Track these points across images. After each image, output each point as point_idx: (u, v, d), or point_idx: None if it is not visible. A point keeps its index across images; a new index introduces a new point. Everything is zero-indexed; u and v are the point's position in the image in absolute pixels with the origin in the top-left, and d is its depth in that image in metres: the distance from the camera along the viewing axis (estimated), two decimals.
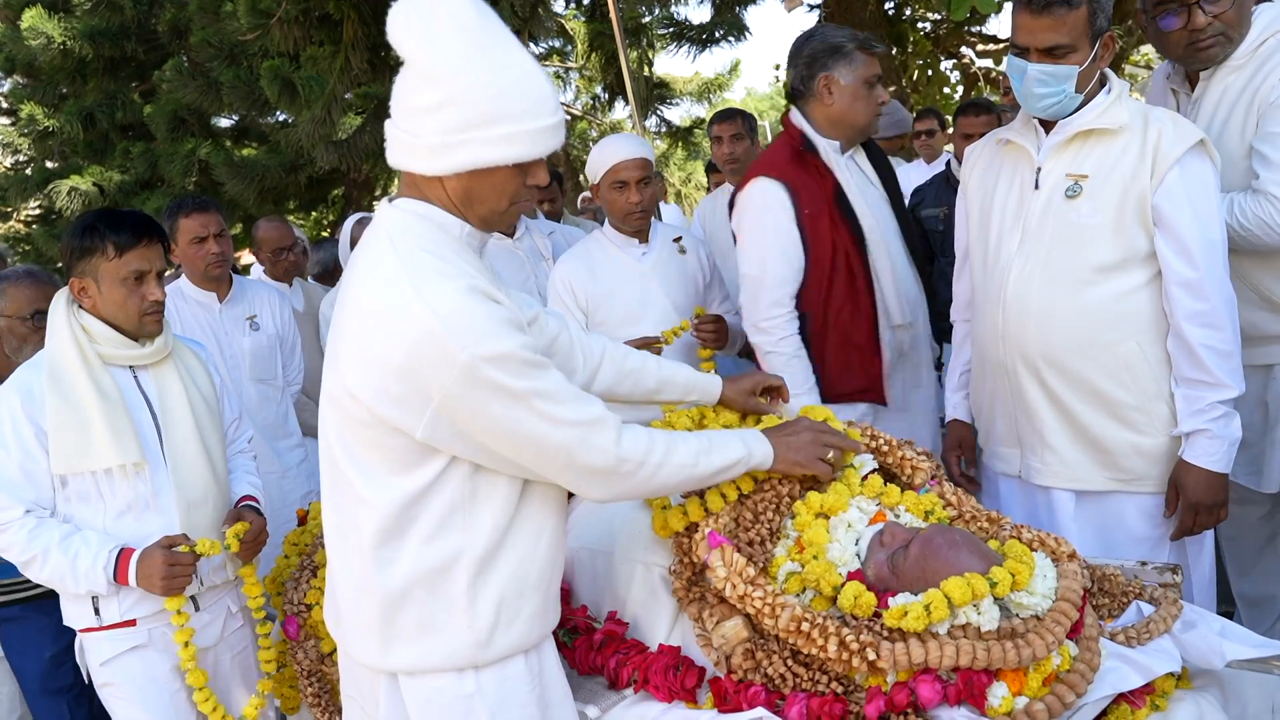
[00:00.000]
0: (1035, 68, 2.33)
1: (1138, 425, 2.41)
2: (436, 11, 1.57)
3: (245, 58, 8.36)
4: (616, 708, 1.96)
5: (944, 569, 1.81)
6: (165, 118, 9.59)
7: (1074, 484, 2.49)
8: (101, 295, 2.39)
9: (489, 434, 1.61)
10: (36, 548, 2.30)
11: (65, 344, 2.38)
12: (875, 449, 2.27)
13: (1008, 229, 2.49)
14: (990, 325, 2.54)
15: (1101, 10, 2.28)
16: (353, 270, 1.71)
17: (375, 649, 1.73)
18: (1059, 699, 1.70)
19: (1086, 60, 2.30)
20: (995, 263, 2.52)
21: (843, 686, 1.79)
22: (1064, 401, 2.44)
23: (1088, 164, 2.37)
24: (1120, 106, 2.36)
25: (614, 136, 3.43)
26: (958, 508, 2.17)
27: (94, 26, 10.01)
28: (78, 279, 2.40)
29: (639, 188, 3.23)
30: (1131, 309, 2.37)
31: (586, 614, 2.15)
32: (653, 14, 9.44)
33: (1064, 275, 2.39)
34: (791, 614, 1.77)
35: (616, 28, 6.46)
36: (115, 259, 2.37)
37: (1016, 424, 2.55)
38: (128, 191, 10.02)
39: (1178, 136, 2.30)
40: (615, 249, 3.33)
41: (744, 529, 2.02)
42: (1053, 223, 2.40)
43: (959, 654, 1.70)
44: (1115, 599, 2.09)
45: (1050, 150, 2.43)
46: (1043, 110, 2.39)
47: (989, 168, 2.61)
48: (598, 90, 10.42)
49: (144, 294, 2.41)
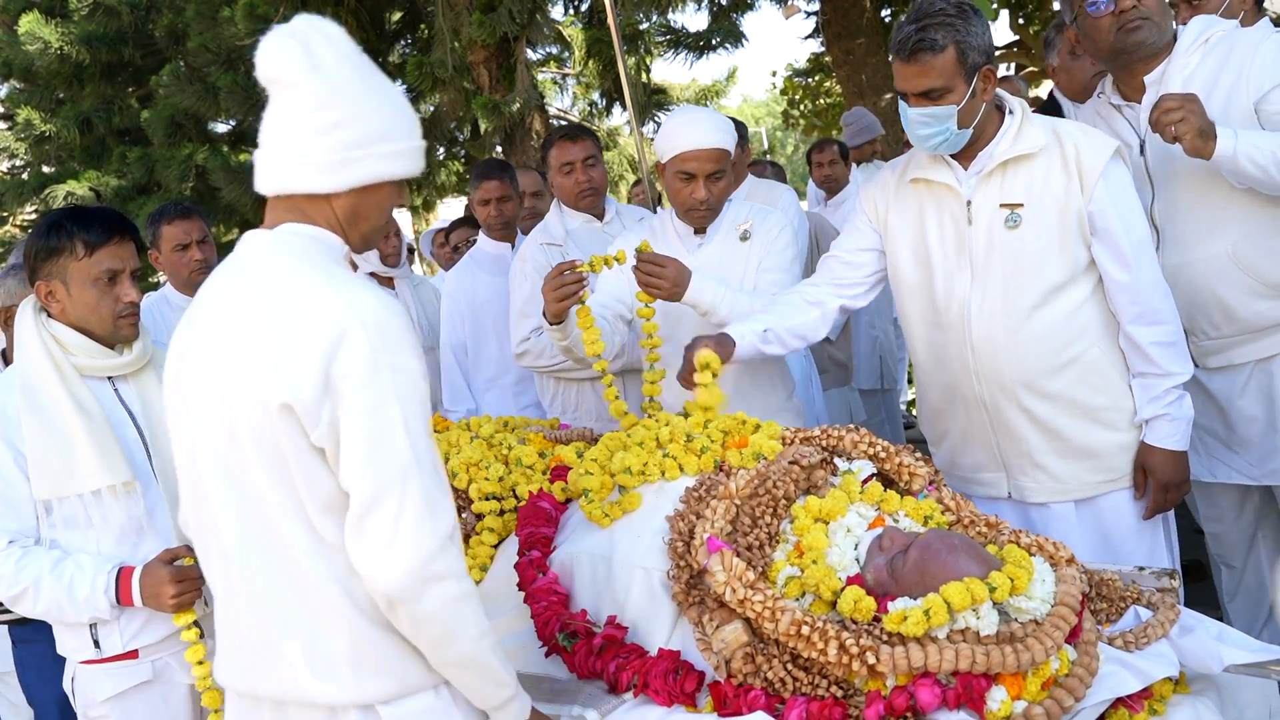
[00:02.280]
0: (914, 111, 2.41)
1: (1115, 424, 2.50)
2: (317, 41, 1.63)
3: (243, 63, 8.37)
4: (616, 712, 1.96)
5: (943, 573, 1.82)
6: (162, 123, 9.58)
7: (1070, 495, 2.54)
8: (71, 299, 2.24)
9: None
10: (26, 579, 2.16)
11: (37, 357, 2.23)
12: (873, 455, 2.28)
13: (954, 269, 2.53)
14: (959, 362, 2.56)
15: (972, 49, 2.34)
16: (233, 294, 1.66)
17: (346, 683, 1.62)
18: (1058, 703, 1.71)
19: (964, 98, 2.37)
20: (950, 302, 2.55)
21: (842, 690, 1.80)
22: (1046, 420, 2.50)
23: (1017, 191, 2.44)
24: (1031, 128, 2.45)
25: (690, 113, 2.99)
26: (956, 513, 2.18)
27: (91, 31, 10.00)
28: (44, 282, 2.25)
29: (708, 183, 2.88)
30: (1087, 317, 2.47)
31: (586, 618, 2.15)
32: (650, 21, 9.45)
33: (1022, 303, 2.45)
34: (791, 618, 1.78)
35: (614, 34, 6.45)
36: (85, 258, 2.23)
37: (999, 450, 2.59)
38: (124, 197, 10.00)
39: (1095, 148, 2.40)
40: (674, 235, 3.07)
41: (743, 534, 2.02)
42: (1000, 256, 2.46)
43: (958, 658, 1.71)
44: (1113, 603, 2.10)
45: (976, 183, 2.48)
46: (934, 149, 2.46)
47: (909, 206, 2.62)
48: (595, 97, 10.43)
49: (117, 295, 2.27)
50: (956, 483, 2.73)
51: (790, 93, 13.52)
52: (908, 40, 2.35)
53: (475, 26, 7.08)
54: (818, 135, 12.17)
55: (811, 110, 13.35)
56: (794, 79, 13.35)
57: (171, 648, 2.27)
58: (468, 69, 7.83)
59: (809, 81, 13.21)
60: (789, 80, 13.43)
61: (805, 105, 13.41)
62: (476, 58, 7.72)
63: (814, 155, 6.01)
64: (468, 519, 2.69)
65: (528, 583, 2.26)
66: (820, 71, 12.65)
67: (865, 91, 8.72)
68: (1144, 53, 2.58)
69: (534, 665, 2.22)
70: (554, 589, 2.23)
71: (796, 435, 2.40)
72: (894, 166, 2.71)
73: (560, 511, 2.53)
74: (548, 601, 2.19)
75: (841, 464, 2.28)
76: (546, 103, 9.61)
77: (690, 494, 2.18)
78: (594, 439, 2.80)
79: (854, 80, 8.86)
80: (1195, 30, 2.58)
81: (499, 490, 2.71)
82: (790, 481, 2.12)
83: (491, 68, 7.78)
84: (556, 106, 10.98)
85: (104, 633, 2.24)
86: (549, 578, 2.26)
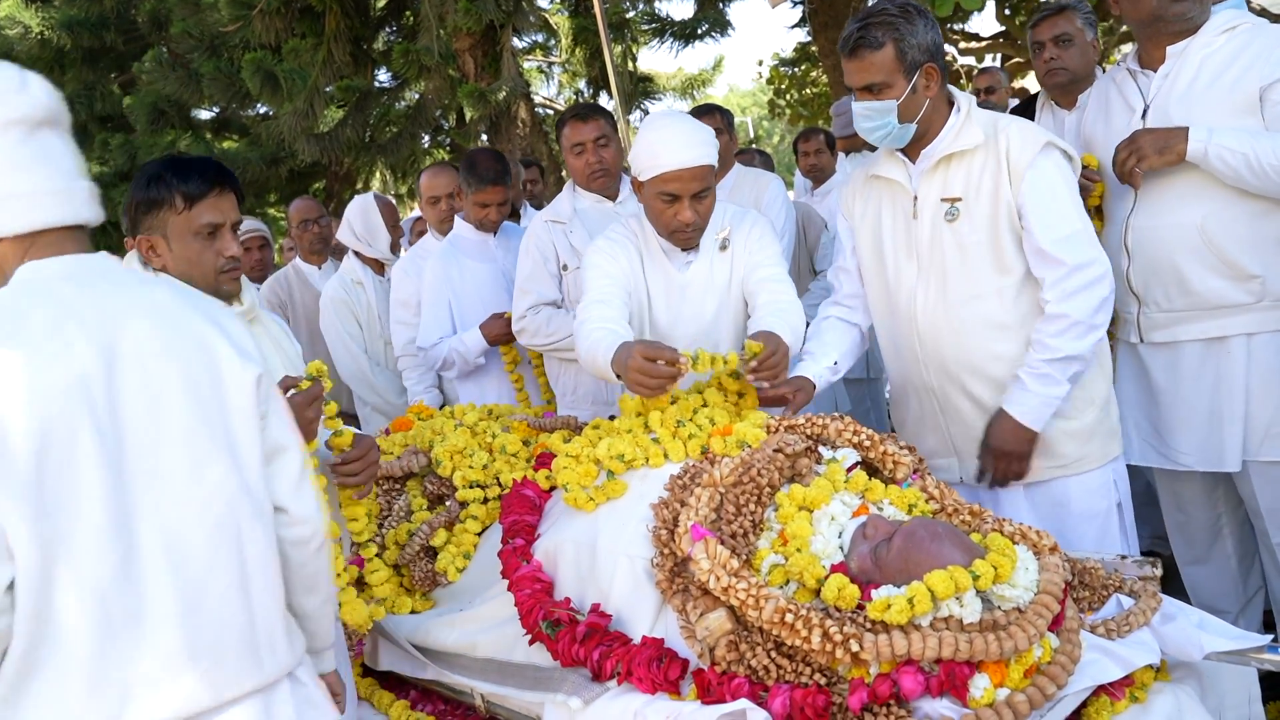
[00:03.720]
0: (858, 105, 2.54)
1: (1063, 411, 2.54)
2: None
3: (226, 49, 8.31)
4: (600, 700, 1.96)
5: (927, 561, 1.82)
6: (145, 109, 9.52)
7: (1020, 479, 2.60)
8: (172, 253, 2.17)
9: None
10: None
11: None
12: (857, 443, 2.29)
13: (903, 260, 2.65)
14: (908, 351, 2.69)
15: (913, 47, 2.45)
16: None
17: (286, 651, 1.61)
18: (1040, 690, 1.72)
19: (904, 94, 2.47)
20: (898, 293, 2.67)
21: (826, 678, 1.80)
22: (991, 407, 2.58)
23: (956, 186, 2.54)
24: (971, 125, 2.53)
25: (669, 126, 2.69)
26: (940, 501, 2.18)
27: (72, 16, 9.92)
28: (145, 236, 2.18)
29: (694, 203, 2.64)
30: (1025, 306, 2.52)
31: (570, 606, 2.14)
32: (636, 9, 9.44)
33: (962, 293, 2.55)
34: (775, 606, 1.78)
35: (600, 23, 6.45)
36: (184, 211, 2.15)
37: (950, 436, 2.69)
38: (106, 183, 9.92)
39: (1024, 143, 2.46)
40: (659, 253, 2.81)
41: (727, 522, 2.02)
42: (940, 248, 2.57)
43: (941, 646, 1.71)
44: (1095, 592, 2.11)
45: (920, 178, 2.59)
46: (879, 141, 2.57)
47: (868, 203, 2.76)
48: (581, 85, 10.40)
49: (218, 249, 2.19)
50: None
51: (776, 82, 13.49)
52: (850, 37, 2.50)
53: (461, 14, 7.04)
54: (803, 125, 12.15)
55: (798, 100, 13.34)
56: (780, 68, 13.33)
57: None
58: (453, 56, 7.80)
59: (795, 71, 13.19)
60: (775, 70, 13.40)
61: (791, 95, 13.40)
62: (462, 45, 7.69)
63: (800, 144, 6.00)
64: (452, 507, 2.69)
65: (511, 570, 2.26)
66: (806, 61, 12.63)
67: None
68: (1180, 25, 2.63)
69: (518, 653, 2.22)
70: (538, 577, 2.23)
71: (781, 423, 2.40)
72: (862, 165, 2.82)
73: (544, 499, 2.53)
74: (531, 589, 2.19)
75: (826, 452, 2.28)
76: (532, 91, 9.57)
77: (675, 482, 2.18)
78: (578, 427, 2.79)
79: (840, 70, 8.85)
80: (1226, 17, 2.62)
81: (483, 478, 2.71)
82: (775, 469, 2.12)
83: (477, 55, 7.74)
84: (542, 95, 10.96)
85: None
86: (533, 565, 2.26)
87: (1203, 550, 2.96)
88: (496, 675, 2.24)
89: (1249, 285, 2.59)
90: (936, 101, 2.52)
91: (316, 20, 7.91)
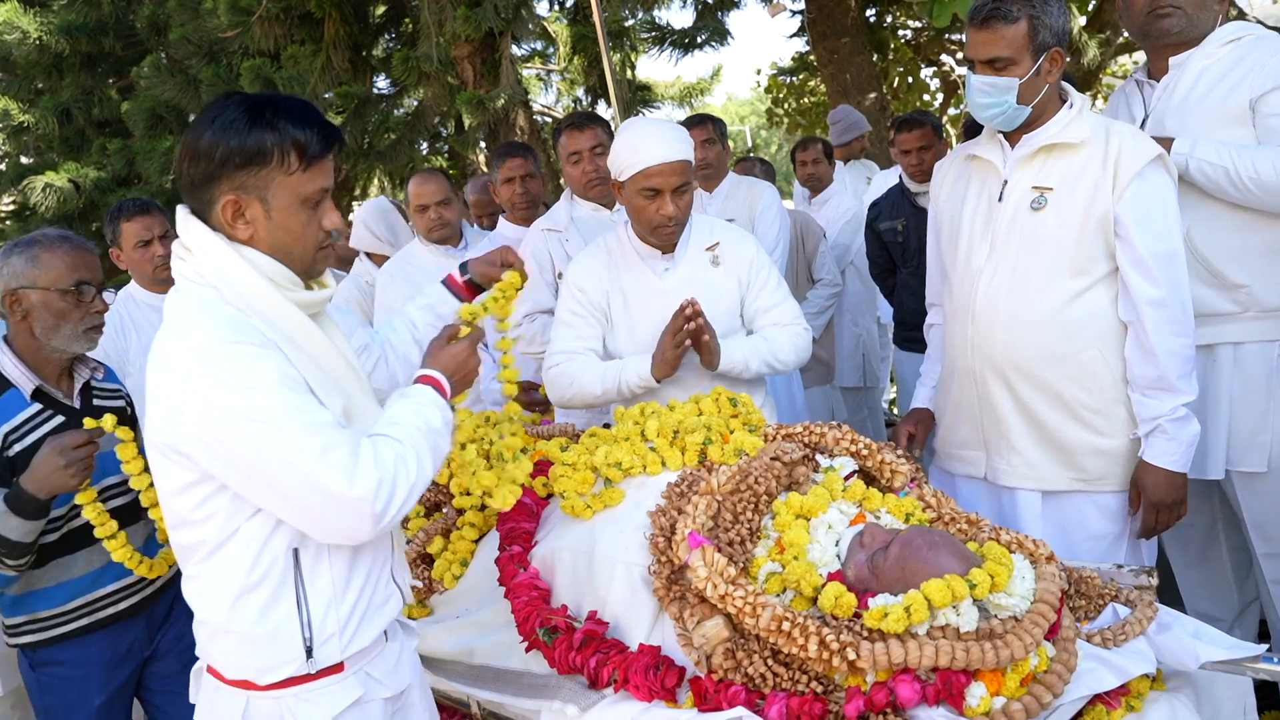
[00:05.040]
0: (977, 79, 2.46)
1: (1098, 427, 2.50)
2: None
3: (225, 55, 8.32)
4: (596, 707, 1.96)
5: (924, 570, 1.82)
6: (143, 115, 9.51)
7: (1039, 484, 2.58)
8: (272, 220, 1.71)
9: None
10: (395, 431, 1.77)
11: (261, 286, 1.71)
12: (855, 452, 2.29)
13: (977, 241, 2.58)
14: (960, 334, 2.63)
15: (1045, 27, 2.39)
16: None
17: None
18: (1036, 699, 1.72)
19: (1028, 74, 2.40)
20: (965, 274, 2.61)
21: (822, 686, 1.80)
22: (1029, 406, 2.53)
23: (1052, 177, 2.47)
24: (1082, 121, 2.46)
25: (646, 125, 2.80)
26: (937, 510, 2.18)
27: (71, 21, 9.92)
28: (235, 195, 1.69)
29: (674, 197, 2.70)
30: (1094, 317, 2.46)
31: (567, 613, 2.14)
32: (636, 18, 9.45)
33: (1030, 285, 2.48)
34: (772, 614, 1.78)
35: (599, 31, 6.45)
36: (299, 172, 1.70)
37: (983, 428, 2.64)
38: (104, 188, 9.91)
39: (1137, 151, 2.40)
40: (635, 258, 2.87)
41: (724, 529, 2.03)
42: (1019, 234, 2.49)
43: (938, 654, 1.71)
44: (1092, 601, 2.12)
45: (1016, 164, 2.52)
46: (989, 120, 2.51)
47: (957, 181, 2.70)
48: (579, 93, 10.41)
49: (321, 221, 1.78)
50: (944, 458, 2.79)
51: (774, 91, 13.53)
52: (984, 6, 2.40)
53: (460, 21, 7.06)
54: (801, 134, 12.18)
55: (796, 109, 13.37)
56: (778, 77, 13.37)
57: (371, 654, 1.86)
58: (452, 64, 7.81)
59: (793, 80, 13.22)
60: (773, 79, 13.44)
61: (789, 104, 13.43)
62: (461, 53, 7.70)
63: (798, 154, 6.02)
64: (449, 514, 2.69)
65: (508, 578, 2.26)
66: (805, 70, 12.67)
67: (849, 90, 8.74)
68: (1170, 40, 2.65)
69: (514, 660, 2.22)
70: (535, 584, 2.23)
71: (779, 432, 2.40)
72: (966, 145, 2.75)
73: (541, 506, 2.53)
74: (528, 597, 2.19)
75: (824, 461, 2.28)
76: (531, 99, 9.58)
77: (672, 489, 2.18)
78: (575, 435, 2.79)
79: (838, 79, 8.88)
80: (1230, 30, 2.63)
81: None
82: (772, 478, 2.13)
83: (476, 63, 7.76)
84: (541, 103, 10.95)
85: (320, 637, 1.75)
86: (530, 573, 2.26)
87: (1197, 554, 2.97)
88: (493, 683, 2.24)
89: (1235, 295, 2.60)
90: (1053, 90, 2.47)
91: (315, 27, 7.92)
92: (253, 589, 1.72)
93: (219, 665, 1.80)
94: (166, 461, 1.70)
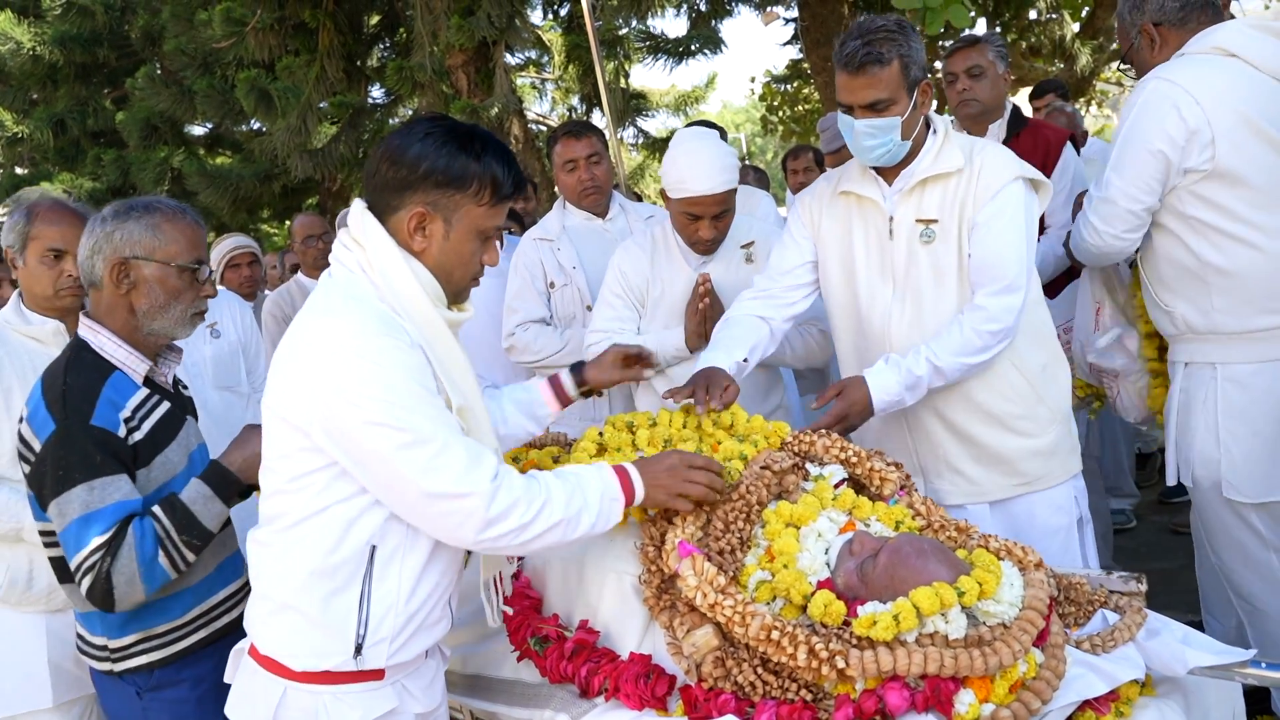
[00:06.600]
0: (861, 123, 2.49)
1: (1028, 430, 2.61)
2: None
3: (219, 66, 8.34)
4: (588, 716, 1.96)
5: (912, 578, 1.82)
6: (137, 125, 9.54)
7: (985, 498, 2.66)
8: (449, 243, 1.80)
9: None
10: (538, 491, 1.80)
11: (419, 299, 1.79)
12: (845, 460, 2.29)
13: (877, 281, 2.65)
14: None
15: (914, 63, 2.46)
16: None
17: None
18: (1025, 706, 1.72)
19: (907, 110, 2.47)
20: (871, 314, 2.67)
21: (812, 694, 1.80)
22: (963, 428, 2.62)
23: (933, 208, 2.56)
24: (951, 148, 2.55)
25: (698, 151, 2.91)
26: (926, 518, 2.19)
27: (65, 32, 9.94)
28: (425, 210, 1.77)
29: (713, 222, 2.96)
30: None
31: (558, 622, 2.15)
32: (630, 26, 9.48)
33: (937, 314, 2.58)
34: (761, 622, 1.78)
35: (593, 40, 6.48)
36: (488, 206, 1.80)
37: (916, 455, 2.71)
38: (99, 199, 9.92)
39: (997, 169, 2.50)
40: (676, 250, 3.13)
41: (714, 538, 2.03)
42: (917, 269, 2.57)
43: (927, 661, 1.71)
44: (1080, 607, 2.12)
45: (898, 199, 2.58)
46: (875, 160, 2.55)
47: (839, 218, 2.72)
48: (574, 101, 10.43)
49: (485, 256, 1.87)
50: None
51: (769, 99, 13.57)
52: (855, 54, 2.44)
53: (454, 30, 7.08)
54: (795, 141, 12.21)
55: (790, 116, 13.42)
56: (772, 85, 13.41)
57: (410, 668, 1.88)
58: (446, 73, 7.83)
59: (787, 88, 13.27)
60: (768, 86, 13.49)
61: (783, 111, 13.47)
62: (455, 62, 7.72)
63: (789, 162, 6.04)
64: None
65: None
66: (798, 78, 12.72)
67: None
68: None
69: (506, 669, 2.22)
70: (526, 593, 2.23)
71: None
72: (828, 179, 2.81)
73: None
74: (519, 606, 2.19)
75: (813, 469, 2.29)
76: (525, 107, 9.60)
77: None
78: (567, 444, 2.80)
79: (832, 87, 8.87)
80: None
81: None
82: (762, 486, 2.13)
83: (470, 72, 7.78)
84: (535, 111, 10.97)
85: (372, 639, 1.77)
86: (521, 582, 2.27)
87: (1202, 555, 2.99)
88: (485, 692, 2.24)
89: (1171, 317, 2.72)
90: (921, 120, 2.55)
91: (310, 37, 7.94)
92: (326, 573, 1.75)
93: (268, 644, 1.82)
94: (284, 426, 1.75)
